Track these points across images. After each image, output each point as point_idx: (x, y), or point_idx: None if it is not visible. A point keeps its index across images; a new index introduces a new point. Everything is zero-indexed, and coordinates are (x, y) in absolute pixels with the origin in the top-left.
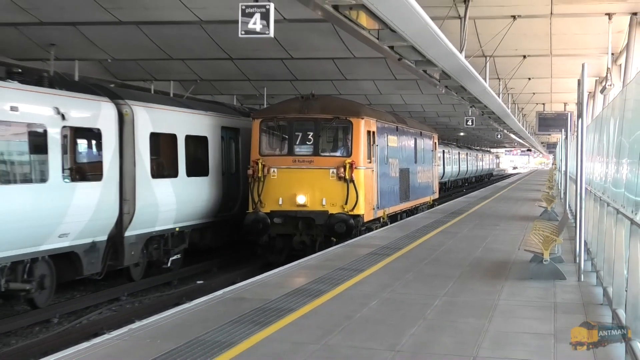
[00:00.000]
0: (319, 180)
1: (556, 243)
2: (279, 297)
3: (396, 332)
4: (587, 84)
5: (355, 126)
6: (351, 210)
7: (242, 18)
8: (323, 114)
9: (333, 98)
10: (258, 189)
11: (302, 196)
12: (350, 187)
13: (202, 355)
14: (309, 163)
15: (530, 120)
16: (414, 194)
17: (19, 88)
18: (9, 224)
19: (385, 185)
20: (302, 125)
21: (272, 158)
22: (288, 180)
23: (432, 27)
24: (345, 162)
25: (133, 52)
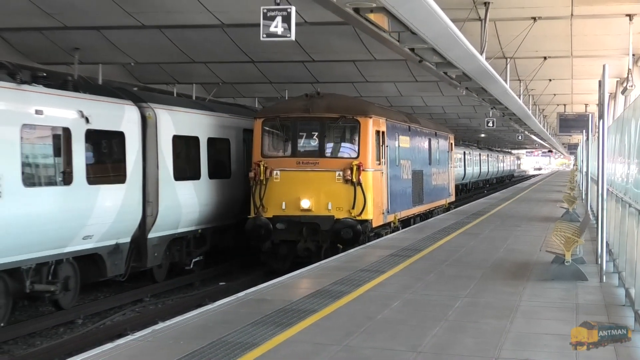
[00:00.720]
0: (325, 183)
1: (578, 244)
2: (301, 298)
3: (418, 333)
4: (608, 85)
5: (362, 126)
6: (359, 215)
7: (263, 21)
8: (328, 112)
9: (339, 96)
10: (260, 192)
11: (307, 200)
12: (358, 190)
13: (225, 356)
14: (314, 165)
15: (551, 122)
16: (429, 197)
17: (43, 92)
18: (34, 226)
19: (396, 188)
20: (306, 125)
21: (274, 160)
22: (292, 184)
23: (452, 29)
24: (352, 164)
25: (156, 56)
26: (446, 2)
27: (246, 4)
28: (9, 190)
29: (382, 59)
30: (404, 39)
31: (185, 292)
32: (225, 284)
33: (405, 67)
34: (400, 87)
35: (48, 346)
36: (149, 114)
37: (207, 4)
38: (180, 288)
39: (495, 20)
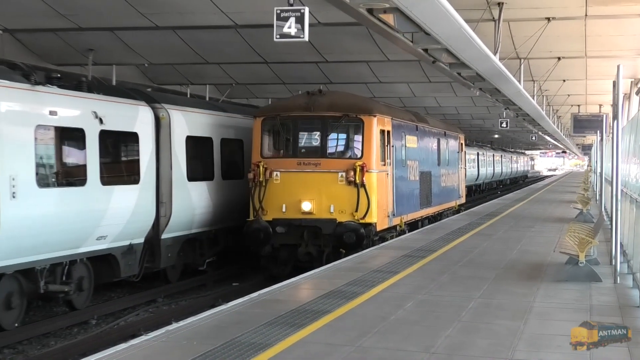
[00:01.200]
0: (327, 185)
1: (592, 245)
2: (314, 299)
3: (431, 334)
4: (622, 86)
5: (366, 125)
6: (362, 218)
7: (277, 22)
8: (331, 111)
9: (342, 94)
10: (259, 194)
11: (308, 203)
12: (361, 192)
13: (238, 357)
14: (315, 166)
15: (565, 122)
16: (437, 199)
17: (58, 93)
18: (48, 227)
19: (403, 190)
20: (307, 124)
21: (274, 160)
22: (292, 185)
23: (466, 29)
24: (355, 165)
25: (169, 57)
26: (460, 3)
27: (260, 4)
28: (23, 191)
29: (396, 59)
30: (418, 40)
31: (198, 292)
32: (238, 284)
33: (419, 68)
34: (414, 87)
35: (62, 346)
36: (163, 115)
37: (220, 5)
38: (193, 289)
39: (509, 20)
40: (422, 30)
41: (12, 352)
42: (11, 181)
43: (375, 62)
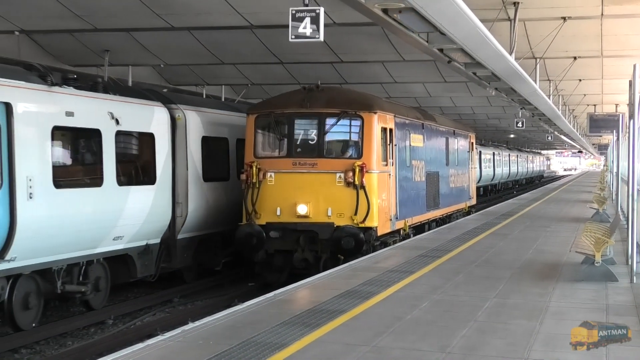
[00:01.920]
0: (324, 186)
1: (608, 245)
2: (330, 299)
3: (446, 334)
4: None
5: (366, 122)
6: (362, 222)
7: (292, 22)
8: (328, 107)
9: (341, 89)
10: (252, 196)
11: (304, 205)
12: (361, 194)
13: (254, 357)
14: (312, 166)
15: (581, 122)
16: (446, 200)
17: (74, 94)
18: (65, 227)
19: (407, 192)
20: (303, 121)
21: (268, 160)
22: (287, 187)
23: (481, 29)
24: (354, 165)
25: (185, 57)
26: (475, 3)
27: (275, 5)
28: (40, 191)
29: (411, 59)
30: (433, 40)
31: (214, 292)
32: (254, 284)
33: (434, 68)
34: (429, 87)
35: (79, 346)
36: (179, 116)
37: (236, 5)
38: (209, 289)
39: (524, 20)
40: (437, 30)
41: (30, 352)
42: (28, 182)
43: (391, 62)
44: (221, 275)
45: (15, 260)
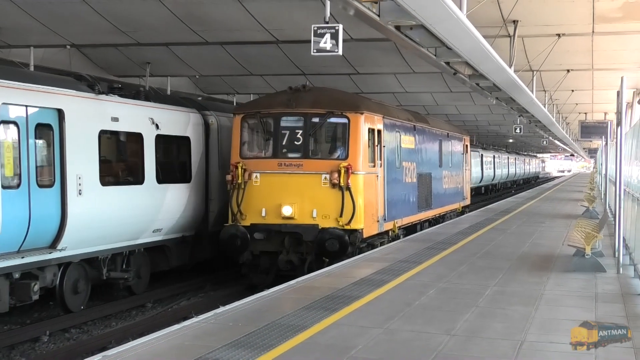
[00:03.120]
0: (309, 187)
1: (597, 239)
2: (346, 286)
3: (451, 318)
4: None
5: (353, 123)
6: (347, 223)
7: (314, 38)
8: (314, 108)
9: (328, 90)
10: (237, 197)
11: (289, 207)
12: (346, 196)
13: (278, 337)
14: (297, 167)
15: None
16: (438, 201)
17: (119, 101)
18: (110, 220)
19: (397, 193)
20: (289, 122)
21: (254, 161)
22: (272, 188)
23: (484, 44)
24: (340, 166)
25: (218, 69)
26: (479, 20)
27: (299, 22)
28: (89, 188)
29: (420, 71)
30: (440, 54)
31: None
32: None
33: (441, 79)
34: (437, 97)
35: (122, 327)
36: (211, 121)
37: (263, 22)
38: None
39: (523, 36)
40: (444, 45)
41: (79, 331)
42: (78, 180)
43: (402, 74)
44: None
45: (65, 249)
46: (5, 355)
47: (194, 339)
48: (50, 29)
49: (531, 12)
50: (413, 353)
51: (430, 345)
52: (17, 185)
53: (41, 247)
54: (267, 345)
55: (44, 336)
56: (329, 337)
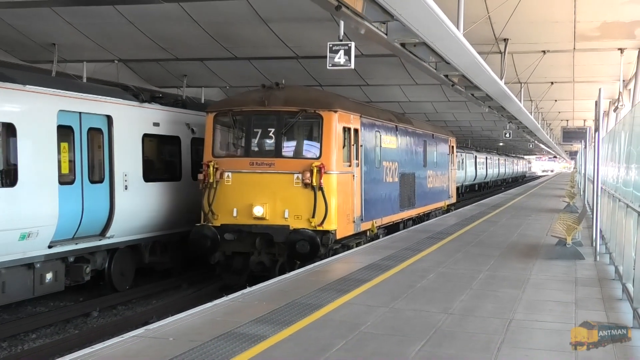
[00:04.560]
0: (281, 187)
1: (577, 230)
2: (357, 270)
3: (448, 299)
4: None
5: (326, 121)
6: (320, 224)
7: (329, 54)
8: (287, 106)
9: (302, 88)
10: (209, 197)
11: (260, 207)
12: (319, 196)
13: (298, 314)
14: (269, 166)
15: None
16: (423, 200)
17: (159, 108)
18: (152, 212)
19: (376, 193)
20: (261, 120)
21: (226, 160)
22: (244, 187)
23: (479, 60)
24: (312, 166)
25: (245, 81)
26: (474, 39)
27: (316, 40)
28: (133, 184)
29: (422, 83)
30: (440, 68)
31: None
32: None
33: (440, 90)
34: (436, 105)
35: (162, 304)
36: None
37: (285, 40)
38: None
39: (512, 53)
40: (443, 61)
41: (124, 308)
42: (124, 177)
43: (406, 85)
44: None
45: (113, 237)
46: (61, 328)
47: (224, 315)
48: (100, 46)
49: (520, 31)
50: (415, 329)
51: (430, 322)
52: (72, 181)
53: (92, 235)
54: (288, 321)
55: (94, 312)
56: (342, 315)
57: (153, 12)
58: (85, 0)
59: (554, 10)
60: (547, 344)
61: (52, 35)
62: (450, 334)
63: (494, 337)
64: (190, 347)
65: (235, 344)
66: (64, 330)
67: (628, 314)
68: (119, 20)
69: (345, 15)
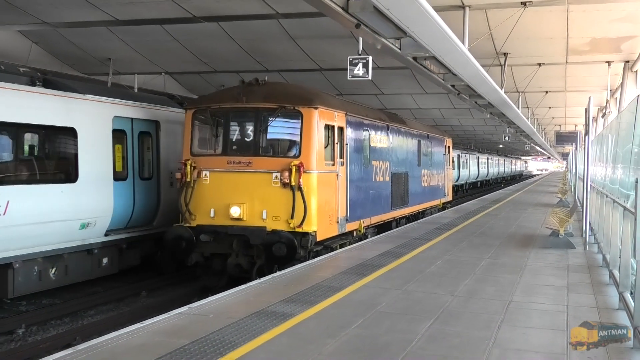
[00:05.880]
0: (259, 187)
1: (568, 223)
2: (373, 256)
3: (454, 283)
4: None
5: (306, 118)
6: (299, 226)
7: (349, 67)
8: (265, 102)
9: (283, 84)
10: (186, 197)
11: (237, 207)
12: (297, 196)
13: (322, 295)
14: (247, 165)
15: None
16: (417, 198)
17: None
18: None
19: (365, 192)
20: (239, 117)
21: (204, 158)
22: (222, 187)
23: (482, 72)
24: (291, 165)
25: None
26: (477, 53)
27: (338, 55)
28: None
29: (431, 92)
30: (447, 79)
31: None
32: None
33: (447, 98)
34: (443, 112)
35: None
36: None
37: (311, 55)
38: None
39: (511, 65)
40: (450, 72)
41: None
42: (169, 174)
43: (417, 94)
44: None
45: (160, 227)
46: (115, 306)
47: (256, 296)
48: (149, 60)
49: (518, 47)
50: (425, 309)
51: (438, 303)
52: (125, 178)
53: (142, 225)
54: (313, 301)
55: (143, 292)
56: (360, 296)
57: (195, 30)
58: (137, 21)
59: (549, 27)
60: (541, 323)
61: (108, 51)
62: (456, 313)
63: (495, 317)
64: (228, 323)
65: (267, 320)
66: (117, 308)
67: (614, 297)
68: (165, 38)
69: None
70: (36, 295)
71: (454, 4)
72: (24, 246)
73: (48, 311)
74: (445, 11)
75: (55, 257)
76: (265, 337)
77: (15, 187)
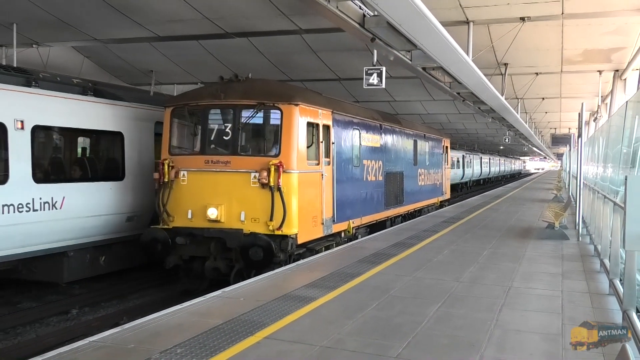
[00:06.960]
0: (237, 187)
1: (563, 216)
2: (386, 247)
3: (459, 270)
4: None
5: (286, 115)
6: (278, 228)
7: (365, 76)
8: (244, 99)
9: (263, 80)
10: (163, 197)
11: (214, 209)
12: (276, 197)
13: (340, 281)
14: (225, 165)
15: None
16: (413, 197)
17: None
18: None
19: (354, 192)
20: (218, 114)
21: (182, 158)
22: (199, 188)
23: (484, 80)
24: (269, 164)
25: None
26: (480, 64)
27: (355, 66)
28: None
29: (438, 99)
30: (453, 87)
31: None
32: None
33: (453, 104)
34: (449, 117)
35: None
36: None
37: (330, 66)
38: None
39: (511, 74)
40: (456, 81)
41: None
42: None
43: (425, 101)
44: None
45: None
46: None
47: (282, 281)
48: (187, 71)
49: (517, 57)
50: (433, 293)
51: (444, 288)
52: None
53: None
54: (333, 286)
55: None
56: (375, 281)
57: (227, 45)
58: (176, 37)
59: (545, 40)
60: (538, 306)
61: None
62: (461, 297)
63: (496, 301)
64: (257, 305)
65: (292, 303)
66: (158, 291)
67: (604, 283)
68: (201, 52)
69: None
70: (88, 280)
71: (459, 20)
72: (77, 237)
73: (98, 294)
74: (452, 26)
75: (105, 246)
76: (290, 318)
77: (70, 184)
